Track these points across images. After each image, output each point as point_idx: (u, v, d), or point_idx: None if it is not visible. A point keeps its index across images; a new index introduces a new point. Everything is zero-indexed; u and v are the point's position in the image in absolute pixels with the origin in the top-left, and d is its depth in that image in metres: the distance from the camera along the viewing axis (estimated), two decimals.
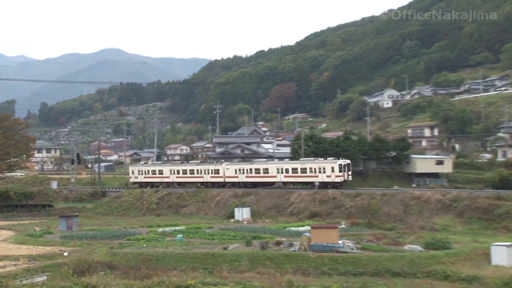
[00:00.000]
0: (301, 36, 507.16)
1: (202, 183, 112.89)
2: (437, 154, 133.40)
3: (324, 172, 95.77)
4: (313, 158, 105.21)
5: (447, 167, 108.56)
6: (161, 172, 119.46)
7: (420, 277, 47.37)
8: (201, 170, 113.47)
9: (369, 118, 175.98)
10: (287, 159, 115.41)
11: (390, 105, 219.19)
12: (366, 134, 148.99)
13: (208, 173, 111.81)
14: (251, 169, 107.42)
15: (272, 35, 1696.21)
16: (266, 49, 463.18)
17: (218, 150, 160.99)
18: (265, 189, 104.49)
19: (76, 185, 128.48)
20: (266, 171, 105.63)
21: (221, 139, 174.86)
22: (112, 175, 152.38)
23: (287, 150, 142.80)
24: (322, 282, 39.31)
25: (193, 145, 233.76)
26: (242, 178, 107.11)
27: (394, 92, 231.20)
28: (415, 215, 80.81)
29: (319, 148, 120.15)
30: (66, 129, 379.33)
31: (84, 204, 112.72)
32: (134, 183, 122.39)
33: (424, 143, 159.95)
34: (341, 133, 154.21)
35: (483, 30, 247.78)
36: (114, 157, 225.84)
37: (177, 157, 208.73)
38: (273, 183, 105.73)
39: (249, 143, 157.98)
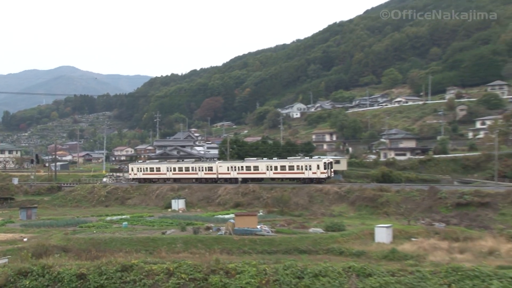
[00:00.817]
0: (227, 59, 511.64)
1: (196, 179, 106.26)
2: (335, 155, 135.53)
3: (310, 169, 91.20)
4: (299, 157, 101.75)
5: (342, 166, 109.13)
6: (158, 169, 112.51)
7: (321, 253, 47.95)
8: (195, 168, 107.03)
9: (282, 126, 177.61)
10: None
11: (298, 115, 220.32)
12: (279, 139, 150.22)
13: (202, 170, 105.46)
14: (242, 167, 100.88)
15: (203, 56, 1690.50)
16: (198, 69, 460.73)
17: (158, 151, 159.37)
18: (197, 184, 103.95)
19: (35, 181, 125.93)
20: (256, 168, 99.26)
21: (160, 142, 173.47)
22: (67, 173, 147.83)
23: (216, 152, 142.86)
24: (244, 259, 39.55)
25: (136, 147, 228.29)
26: (234, 174, 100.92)
27: (302, 105, 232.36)
28: (317, 204, 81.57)
29: (241, 150, 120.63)
30: (26, 134, 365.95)
31: (42, 197, 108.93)
32: (133, 179, 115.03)
33: (325, 146, 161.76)
34: (259, 138, 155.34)
35: (369, 58, 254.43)
36: (69, 157, 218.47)
37: (123, 158, 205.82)
38: (262, 178, 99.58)
39: (184, 146, 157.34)
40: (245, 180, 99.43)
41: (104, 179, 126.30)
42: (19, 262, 38.11)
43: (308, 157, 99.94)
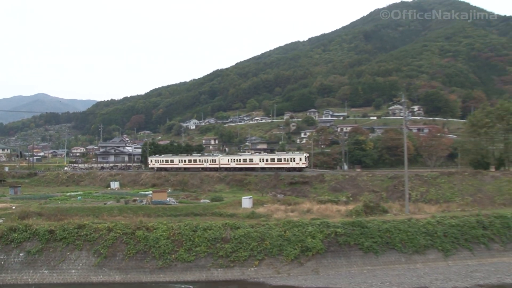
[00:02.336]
0: (147, 89, 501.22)
1: (202, 168, 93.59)
2: (217, 153, 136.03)
3: (294, 161, 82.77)
4: (285, 152, 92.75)
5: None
6: (172, 161, 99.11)
7: (208, 215, 48.29)
8: (202, 160, 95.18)
9: (183, 134, 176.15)
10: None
11: (194, 127, 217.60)
12: (181, 142, 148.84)
13: (207, 162, 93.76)
14: (239, 159, 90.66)
15: (132, 87, 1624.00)
16: (128, 96, 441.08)
17: (101, 150, 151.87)
18: (128, 171, 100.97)
19: (20, 169, 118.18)
20: (251, 160, 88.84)
21: (103, 144, 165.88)
22: (40, 164, 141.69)
23: (140, 150, 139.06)
24: (158, 220, 39.62)
25: (87, 147, 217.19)
26: (233, 165, 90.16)
27: (196, 121, 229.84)
28: (206, 184, 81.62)
29: (156, 149, 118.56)
30: (14, 138, 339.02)
31: (24, 180, 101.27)
32: (152, 168, 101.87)
33: (211, 147, 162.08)
34: (168, 141, 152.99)
35: (239, 92, 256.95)
36: (42, 153, 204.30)
37: (78, 154, 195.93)
38: (254, 168, 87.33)
39: (118, 147, 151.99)
40: (240, 169, 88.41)
41: (66, 168, 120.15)
42: (9, 222, 38.16)
43: (291, 152, 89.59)
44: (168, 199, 56.75)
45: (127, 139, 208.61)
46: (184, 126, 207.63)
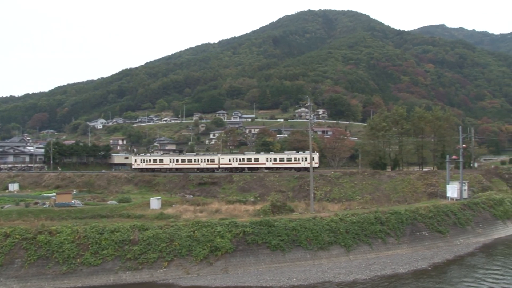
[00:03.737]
0: (51, 87, 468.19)
1: (198, 168, 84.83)
2: (125, 153, 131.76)
3: (306, 160, 75.89)
4: (294, 152, 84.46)
5: (128, 160, 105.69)
6: (161, 161, 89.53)
7: (116, 217, 46.70)
8: (198, 160, 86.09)
9: (89, 134, 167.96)
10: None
11: (101, 127, 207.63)
12: (88, 142, 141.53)
13: (205, 162, 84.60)
14: (243, 159, 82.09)
15: (34, 83, 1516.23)
16: (31, 93, 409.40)
17: None
18: (29, 172, 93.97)
19: None
20: (256, 160, 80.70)
21: (0, 143, 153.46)
22: None
23: (43, 150, 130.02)
24: (62, 223, 37.50)
25: None
26: (235, 165, 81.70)
27: (103, 120, 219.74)
28: (113, 185, 78.57)
29: (61, 150, 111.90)
30: None
31: None
32: (136, 168, 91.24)
33: (119, 147, 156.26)
34: (74, 141, 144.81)
35: (148, 92, 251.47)
36: None
37: None
38: (258, 168, 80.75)
39: (18, 146, 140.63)
40: (242, 170, 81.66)
41: None
42: None
43: (301, 152, 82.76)
44: (73, 201, 54.07)
45: (28, 138, 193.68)
46: (90, 126, 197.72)
